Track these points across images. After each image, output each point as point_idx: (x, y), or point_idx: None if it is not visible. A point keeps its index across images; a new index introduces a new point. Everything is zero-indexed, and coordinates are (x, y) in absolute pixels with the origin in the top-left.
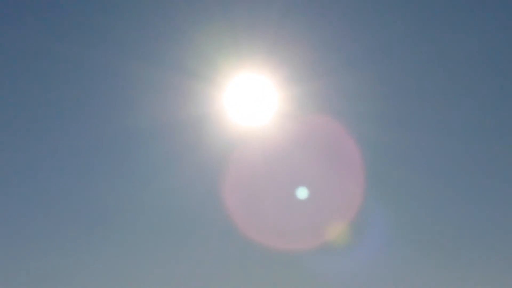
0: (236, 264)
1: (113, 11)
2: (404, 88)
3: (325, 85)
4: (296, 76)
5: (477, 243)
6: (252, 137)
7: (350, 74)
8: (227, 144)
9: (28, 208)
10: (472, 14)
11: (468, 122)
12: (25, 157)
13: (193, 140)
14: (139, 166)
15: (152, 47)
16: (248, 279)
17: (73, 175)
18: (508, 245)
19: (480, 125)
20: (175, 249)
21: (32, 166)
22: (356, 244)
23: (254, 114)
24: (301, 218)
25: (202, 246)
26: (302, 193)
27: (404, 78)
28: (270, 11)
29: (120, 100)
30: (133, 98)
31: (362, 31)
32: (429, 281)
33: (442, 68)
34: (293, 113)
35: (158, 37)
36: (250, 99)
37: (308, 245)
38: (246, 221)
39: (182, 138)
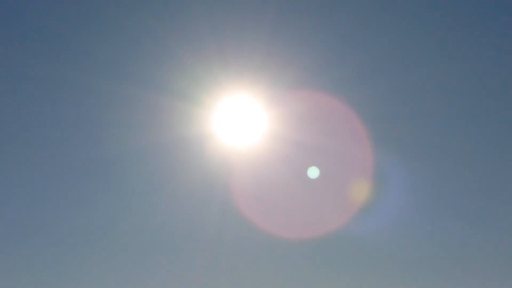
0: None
1: (103, 34)
2: (403, 110)
3: (316, 105)
4: (285, 96)
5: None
6: (243, 158)
7: (340, 94)
8: (218, 165)
9: (19, 235)
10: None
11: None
12: (15, 181)
13: (183, 161)
14: (129, 187)
15: (141, 68)
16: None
17: (63, 198)
18: None
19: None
20: (170, 264)
21: (24, 188)
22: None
23: (244, 134)
24: (310, 211)
25: (191, 267)
26: (313, 173)
27: (402, 99)
28: (259, 32)
29: (110, 122)
30: (122, 120)
31: (353, 50)
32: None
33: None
34: (283, 133)
35: (147, 59)
36: (240, 119)
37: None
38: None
39: (172, 159)
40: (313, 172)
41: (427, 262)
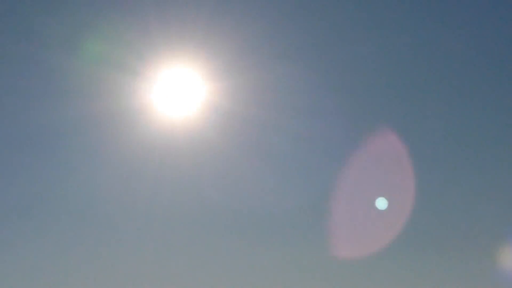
0: None
1: (40, 4)
2: (336, 82)
3: (255, 79)
4: (225, 69)
5: None
6: (181, 131)
7: (279, 68)
8: (156, 137)
9: None
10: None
11: None
12: None
13: (121, 134)
14: (66, 161)
15: (79, 40)
16: None
17: None
18: None
19: None
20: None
21: None
22: None
23: (183, 107)
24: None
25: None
26: (381, 204)
27: (338, 72)
28: (200, 4)
29: (47, 94)
30: (60, 92)
31: (292, 26)
32: None
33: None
34: (223, 106)
35: (85, 30)
36: (179, 92)
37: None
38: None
39: (110, 132)
40: (382, 204)
41: None
